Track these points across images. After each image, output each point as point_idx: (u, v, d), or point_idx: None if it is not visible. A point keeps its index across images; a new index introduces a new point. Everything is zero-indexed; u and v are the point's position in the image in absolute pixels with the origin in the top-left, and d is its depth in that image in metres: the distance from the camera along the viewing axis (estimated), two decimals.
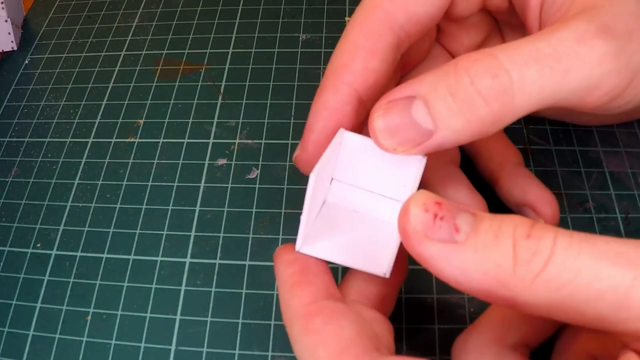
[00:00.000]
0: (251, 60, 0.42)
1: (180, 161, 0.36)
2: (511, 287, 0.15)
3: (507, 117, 0.17)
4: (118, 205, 0.35)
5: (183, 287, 0.31)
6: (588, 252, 0.14)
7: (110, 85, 0.41)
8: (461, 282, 0.16)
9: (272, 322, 0.29)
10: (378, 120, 0.18)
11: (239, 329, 0.29)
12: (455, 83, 0.17)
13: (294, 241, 0.20)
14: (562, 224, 0.31)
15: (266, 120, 0.38)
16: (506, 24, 0.28)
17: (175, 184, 0.35)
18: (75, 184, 0.36)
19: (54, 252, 0.33)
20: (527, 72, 0.17)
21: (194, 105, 0.39)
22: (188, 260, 0.32)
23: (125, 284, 0.31)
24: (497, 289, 0.15)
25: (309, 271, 0.19)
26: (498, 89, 0.17)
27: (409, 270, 0.30)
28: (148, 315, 0.30)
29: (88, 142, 0.38)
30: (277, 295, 0.30)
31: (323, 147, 0.20)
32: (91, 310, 0.30)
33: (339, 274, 0.30)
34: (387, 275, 0.20)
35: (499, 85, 0.17)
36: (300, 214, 0.20)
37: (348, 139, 0.21)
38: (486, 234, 0.15)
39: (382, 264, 0.20)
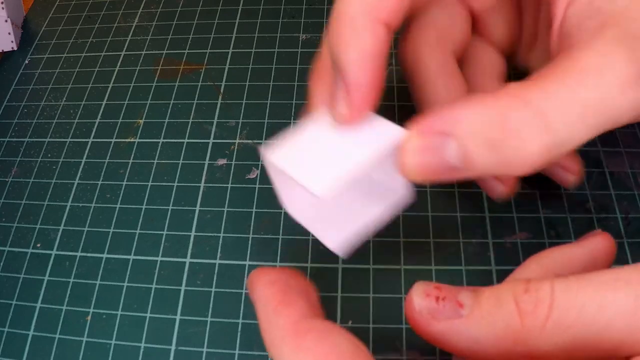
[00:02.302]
0: (251, 60, 0.42)
1: (180, 161, 0.36)
2: (524, 341, 0.15)
3: (543, 163, 0.17)
4: (118, 205, 0.35)
5: (183, 287, 0.31)
6: (586, 287, 0.15)
7: (110, 85, 0.41)
8: (476, 350, 0.16)
9: None
10: (412, 143, 0.18)
11: (239, 329, 0.29)
12: (498, 135, 0.17)
13: (296, 241, 0.20)
14: (563, 224, 0.31)
15: (266, 120, 0.38)
16: None
17: (175, 184, 0.35)
18: (75, 184, 0.36)
19: (54, 252, 0.33)
20: (568, 119, 0.17)
21: (194, 105, 0.39)
22: (188, 260, 0.32)
23: (125, 284, 0.31)
24: (512, 347, 0.16)
25: (292, 290, 0.19)
26: (544, 144, 0.17)
27: (408, 271, 0.30)
28: (148, 315, 0.30)
29: (88, 142, 0.38)
30: None
31: (372, 100, 0.21)
32: (91, 310, 0.30)
33: (339, 276, 0.30)
34: (320, 194, 0.20)
35: (544, 140, 0.17)
36: None
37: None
38: (488, 300, 0.16)
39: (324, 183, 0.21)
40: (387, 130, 0.22)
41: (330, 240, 0.24)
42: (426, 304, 0.17)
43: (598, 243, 0.22)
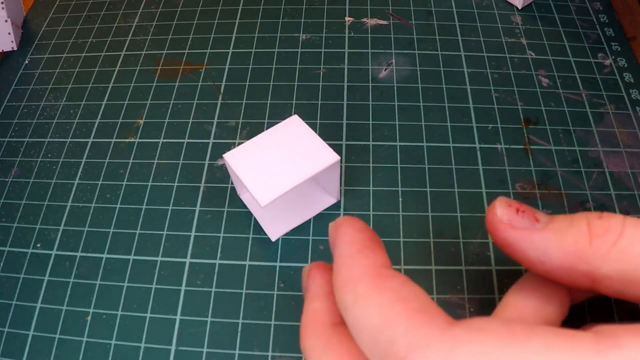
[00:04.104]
0: (251, 60, 0.42)
1: (180, 161, 0.36)
2: (589, 260, 0.17)
3: None
4: (118, 205, 0.34)
5: (183, 287, 0.31)
6: None
7: (110, 85, 0.41)
8: (543, 261, 0.18)
9: (272, 322, 0.29)
10: None
11: (239, 329, 0.29)
12: None
13: (296, 241, 0.20)
14: None
15: (266, 120, 0.38)
16: None
17: (175, 184, 0.35)
18: (75, 184, 0.36)
19: (54, 252, 0.33)
20: None
21: (194, 105, 0.39)
22: (188, 260, 0.32)
23: (125, 284, 0.31)
24: (576, 264, 0.17)
25: (379, 243, 0.19)
26: None
27: (408, 271, 0.30)
28: (148, 315, 0.30)
29: (88, 142, 0.38)
30: (277, 296, 0.30)
31: None
32: (91, 310, 0.30)
33: None
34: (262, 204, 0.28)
35: None
36: None
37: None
38: (562, 220, 0.18)
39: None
40: (324, 155, 0.29)
41: (268, 230, 0.33)
42: (507, 213, 0.19)
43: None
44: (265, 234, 0.32)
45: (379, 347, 0.15)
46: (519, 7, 0.44)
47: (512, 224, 0.18)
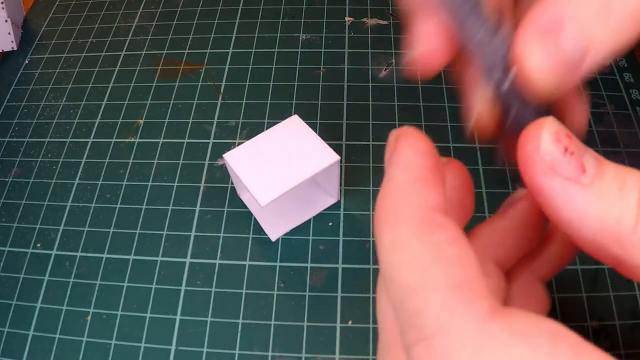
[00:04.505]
0: (251, 60, 0.42)
1: (180, 161, 0.36)
2: (626, 246, 0.14)
3: None
4: (118, 205, 0.34)
5: (183, 287, 0.31)
6: None
7: (110, 85, 0.41)
8: (576, 226, 0.15)
9: (272, 322, 0.29)
10: (536, 55, 0.15)
11: (239, 329, 0.29)
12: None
13: (296, 241, 0.20)
14: None
15: (266, 120, 0.38)
16: None
17: (175, 184, 0.35)
18: (75, 184, 0.36)
19: (54, 252, 0.33)
20: None
21: (194, 105, 0.39)
22: (188, 260, 0.32)
23: (125, 284, 0.31)
24: (610, 244, 0.14)
25: (441, 175, 0.16)
26: None
27: None
28: (148, 315, 0.30)
29: (88, 142, 0.38)
30: (277, 296, 0.30)
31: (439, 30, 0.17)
32: (91, 310, 0.30)
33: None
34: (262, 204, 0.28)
35: None
36: None
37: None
38: (612, 182, 0.14)
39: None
40: (324, 155, 0.29)
41: (268, 230, 0.33)
42: (552, 151, 0.15)
43: (524, 211, 0.20)
44: (265, 234, 0.32)
45: (405, 309, 0.14)
46: None
47: (554, 167, 0.15)
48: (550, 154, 0.15)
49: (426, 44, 0.17)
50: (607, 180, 0.14)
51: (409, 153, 0.16)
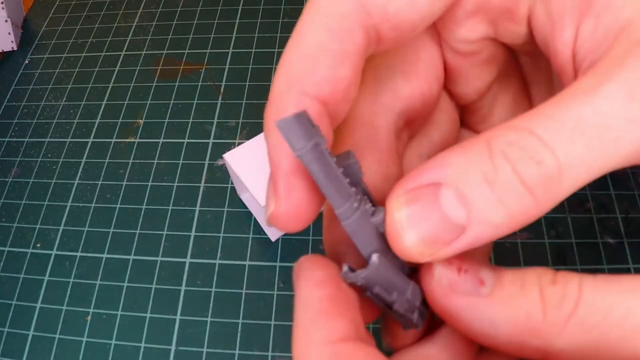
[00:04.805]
0: (251, 60, 0.42)
1: (180, 161, 0.36)
2: (543, 335, 0.14)
3: (550, 206, 0.15)
4: (118, 205, 0.34)
5: (183, 287, 0.31)
6: (616, 289, 0.14)
7: (110, 85, 0.41)
8: (490, 335, 0.15)
9: (272, 322, 0.29)
10: (399, 211, 0.15)
11: (239, 329, 0.29)
12: (492, 169, 0.14)
13: (296, 241, 0.20)
14: (562, 224, 0.31)
15: None
16: (525, 53, 0.22)
17: (175, 184, 0.35)
18: (75, 184, 0.36)
19: (54, 252, 0.33)
20: (573, 149, 0.14)
21: (194, 105, 0.39)
22: (188, 260, 0.32)
23: (125, 284, 0.31)
24: (528, 339, 0.15)
25: (342, 299, 0.16)
26: (544, 176, 0.14)
27: None
28: (148, 315, 0.30)
29: (88, 142, 0.38)
30: (277, 296, 0.30)
31: (308, 192, 0.15)
32: (91, 310, 0.30)
33: None
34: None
35: (545, 171, 0.14)
36: None
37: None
38: (511, 284, 0.15)
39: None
40: None
41: (268, 230, 0.32)
42: (447, 274, 0.15)
43: (450, 334, 0.19)
44: (265, 234, 0.32)
45: None
46: None
47: (453, 288, 0.15)
48: (445, 277, 0.15)
49: (291, 200, 0.15)
50: (507, 284, 0.15)
51: (305, 289, 0.16)
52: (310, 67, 0.16)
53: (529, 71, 0.22)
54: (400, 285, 0.16)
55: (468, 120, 0.23)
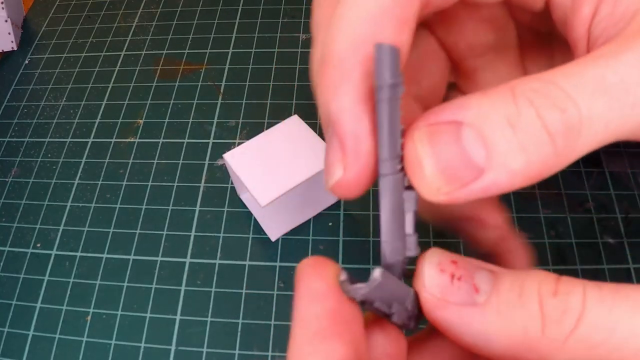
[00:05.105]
0: (251, 60, 0.42)
1: (180, 161, 0.36)
2: (541, 351, 0.14)
3: (568, 159, 0.14)
4: (118, 205, 0.34)
5: (183, 287, 0.31)
6: (622, 305, 0.13)
7: (110, 85, 0.41)
8: (484, 348, 0.14)
9: (272, 322, 0.29)
10: (421, 141, 0.14)
11: (239, 329, 0.29)
12: (516, 112, 0.14)
13: (296, 241, 0.20)
14: (563, 224, 0.31)
15: (266, 120, 0.38)
16: (527, 28, 0.23)
17: (175, 184, 0.35)
18: (75, 184, 0.36)
19: (54, 252, 0.33)
20: (594, 105, 0.14)
21: (194, 105, 0.39)
22: (188, 260, 0.32)
23: (125, 284, 0.31)
24: (525, 354, 0.14)
25: (342, 317, 0.15)
26: (566, 125, 0.14)
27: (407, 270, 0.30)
28: (148, 315, 0.30)
29: (88, 142, 0.38)
30: (277, 296, 0.30)
31: (371, 150, 0.15)
32: (91, 310, 0.30)
33: None
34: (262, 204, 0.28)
35: (567, 120, 0.14)
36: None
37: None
38: (509, 292, 0.14)
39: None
40: (324, 154, 0.26)
41: (268, 230, 0.32)
42: (438, 283, 0.14)
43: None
44: (265, 234, 0.32)
45: None
46: None
47: (445, 298, 0.14)
48: (437, 286, 0.14)
49: (359, 165, 0.15)
50: (504, 292, 0.14)
51: (304, 303, 0.15)
52: (376, 30, 0.15)
53: (529, 49, 0.22)
54: (400, 295, 0.15)
55: (461, 84, 0.23)
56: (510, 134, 0.14)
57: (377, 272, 0.14)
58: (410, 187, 0.14)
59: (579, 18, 0.17)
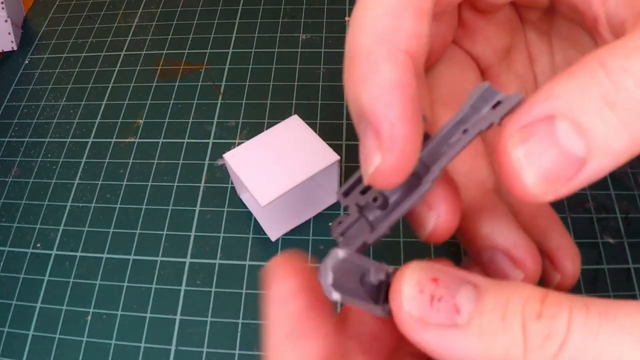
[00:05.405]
0: (251, 60, 0.42)
1: (180, 161, 0.36)
2: None
3: None
4: (118, 205, 0.34)
5: (183, 287, 0.31)
6: (608, 329, 0.12)
7: (110, 85, 0.41)
8: None
9: None
10: (516, 150, 0.13)
11: (239, 329, 0.29)
12: (612, 88, 0.13)
13: (296, 241, 0.20)
14: (563, 224, 0.31)
15: (266, 120, 0.38)
16: (533, 27, 0.23)
17: (175, 184, 0.35)
18: (75, 184, 0.36)
19: (54, 252, 0.33)
20: None
21: (194, 105, 0.39)
22: (188, 260, 0.32)
23: (125, 284, 0.31)
24: None
25: (311, 314, 0.15)
26: None
27: None
28: (148, 315, 0.30)
29: (88, 142, 0.38)
30: None
31: (413, 141, 0.15)
32: (91, 310, 0.30)
33: None
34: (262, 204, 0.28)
35: None
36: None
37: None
38: (491, 313, 0.13)
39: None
40: (324, 155, 0.29)
41: (268, 230, 0.32)
42: (417, 305, 0.14)
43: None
44: (265, 234, 0.32)
45: None
46: None
47: (423, 319, 0.14)
48: (415, 308, 0.14)
49: (397, 152, 0.15)
50: (486, 312, 0.14)
51: (278, 300, 0.15)
52: (397, 22, 0.16)
53: (535, 48, 0.22)
54: (366, 268, 0.15)
55: None
56: (609, 114, 0.13)
57: (339, 251, 0.14)
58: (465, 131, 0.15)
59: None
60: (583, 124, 0.13)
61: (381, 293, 0.15)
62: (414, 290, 0.14)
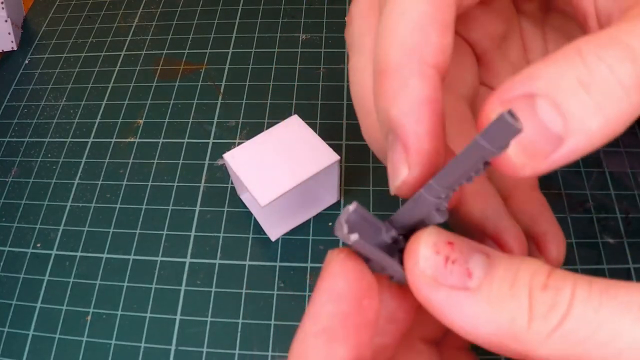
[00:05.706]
0: (251, 60, 0.42)
1: (180, 161, 0.36)
2: (525, 342, 0.14)
3: (638, 112, 0.14)
4: (118, 205, 0.34)
5: (183, 287, 0.31)
6: (609, 305, 0.13)
7: (110, 85, 0.41)
8: (470, 332, 0.15)
9: (272, 322, 0.29)
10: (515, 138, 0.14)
11: (239, 329, 0.29)
12: (587, 72, 0.13)
13: (296, 241, 0.20)
14: (562, 223, 0.31)
15: (266, 120, 0.38)
16: (528, 17, 0.24)
17: (175, 184, 0.35)
18: (75, 184, 0.36)
19: (54, 252, 0.33)
20: None
21: (194, 105, 0.39)
22: (188, 260, 0.32)
23: (125, 284, 0.31)
24: (509, 343, 0.14)
25: (353, 322, 0.15)
26: (638, 77, 0.14)
27: None
28: (148, 315, 0.30)
29: (88, 142, 0.38)
30: (277, 296, 0.30)
31: (439, 156, 0.16)
32: (91, 310, 0.30)
33: None
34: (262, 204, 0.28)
35: (639, 72, 0.14)
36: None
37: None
38: (501, 281, 0.14)
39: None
40: (324, 155, 0.29)
41: (268, 230, 0.33)
42: (432, 264, 0.15)
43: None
44: (265, 234, 0.32)
45: None
46: None
47: (436, 279, 0.15)
48: (430, 267, 0.15)
49: (424, 164, 0.16)
50: (496, 280, 0.14)
51: (322, 296, 0.16)
52: (425, 38, 0.16)
53: (530, 38, 0.23)
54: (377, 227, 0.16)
55: (482, 76, 0.24)
56: (585, 96, 0.14)
57: (352, 206, 0.15)
58: (487, 163, 0.15)
59: None
60: (561, 103, 0.14)
61: (394, 257, 0.16)
62: (430, 250, 0.15)
